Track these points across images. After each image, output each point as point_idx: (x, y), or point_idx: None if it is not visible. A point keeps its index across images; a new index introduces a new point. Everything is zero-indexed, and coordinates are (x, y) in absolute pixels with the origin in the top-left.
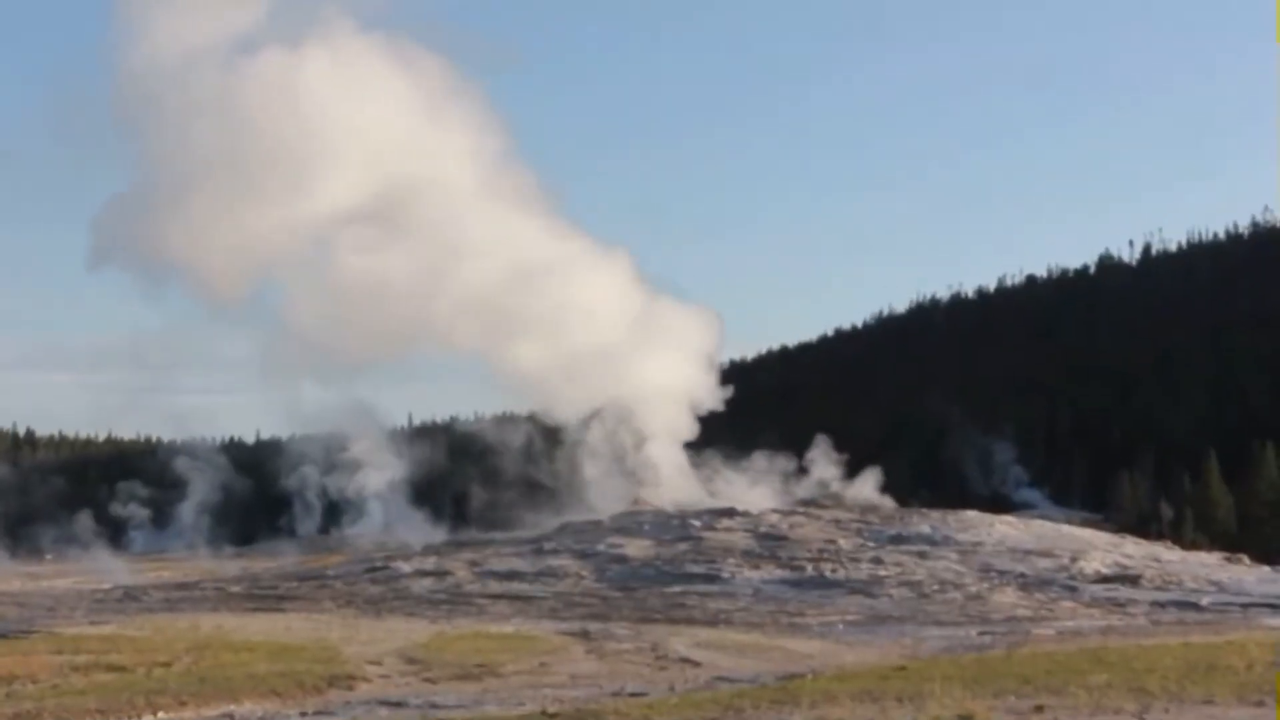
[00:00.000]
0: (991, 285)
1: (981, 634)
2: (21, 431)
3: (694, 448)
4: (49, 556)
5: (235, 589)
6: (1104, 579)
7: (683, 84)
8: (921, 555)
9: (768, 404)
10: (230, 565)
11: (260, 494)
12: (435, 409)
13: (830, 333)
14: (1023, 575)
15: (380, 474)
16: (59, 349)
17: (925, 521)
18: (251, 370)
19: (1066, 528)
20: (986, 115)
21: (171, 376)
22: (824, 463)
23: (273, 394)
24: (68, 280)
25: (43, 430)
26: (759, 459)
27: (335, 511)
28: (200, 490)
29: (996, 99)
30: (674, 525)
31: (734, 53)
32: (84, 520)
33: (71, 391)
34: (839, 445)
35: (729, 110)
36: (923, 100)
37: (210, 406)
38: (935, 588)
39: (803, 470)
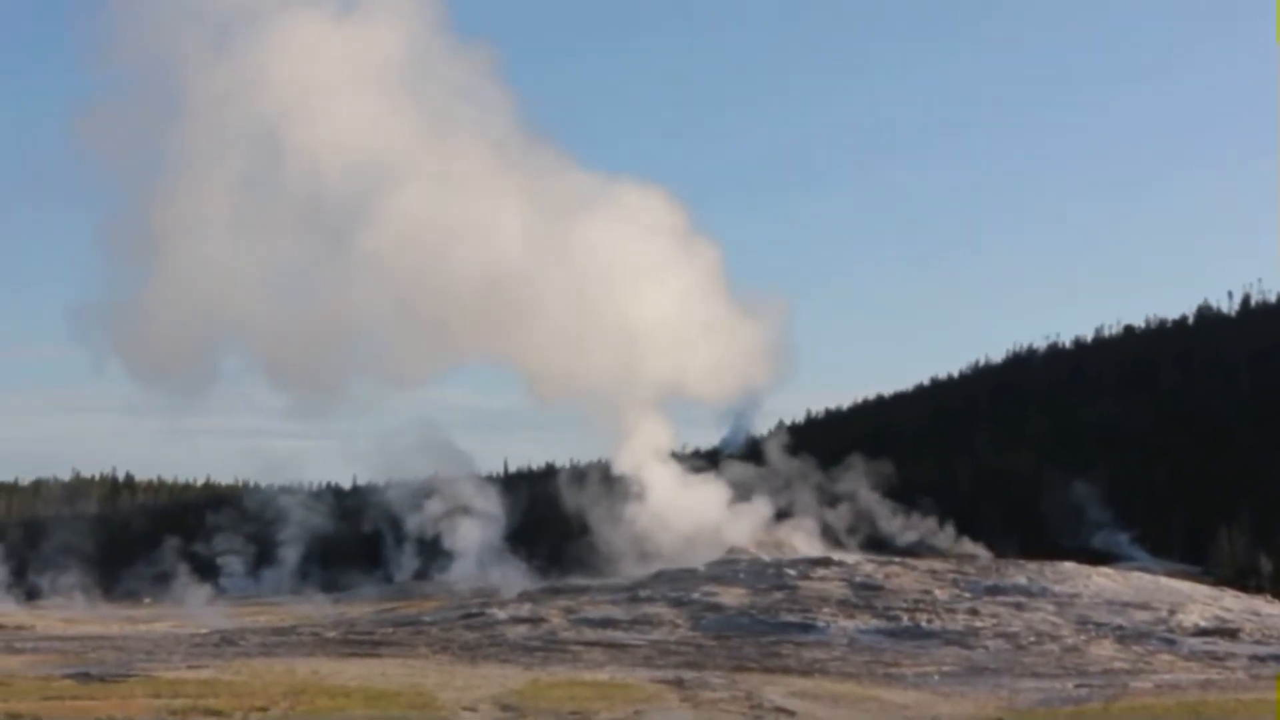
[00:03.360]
0: (1089, 335)
1: (1078, 686)
2: (120, 476)
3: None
4: (147, 600)
5: (331, 634)
6: (1202, 632)
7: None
8: (1018, 606)
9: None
10: (326, 610)
11: (356, 539)
12: (531, 456)
13: (926, 382)
14: (1120, 628)
15: (475, 520)
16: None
17: (1022, 573)
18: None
19: (1164, 580)
20: (1087, 166)
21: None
22: (919, 514)
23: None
24: None
25: (141, 475)
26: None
27: (430, 557)
28: (296, 535)
29: (1098, 150)
30: (769, 574)
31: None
32: (180, 564)
33: (169, 437)
34: (934, 495)
35: (828, 170)
36: (1022, 153)
37: (307, 451)
38: (1031, 639)
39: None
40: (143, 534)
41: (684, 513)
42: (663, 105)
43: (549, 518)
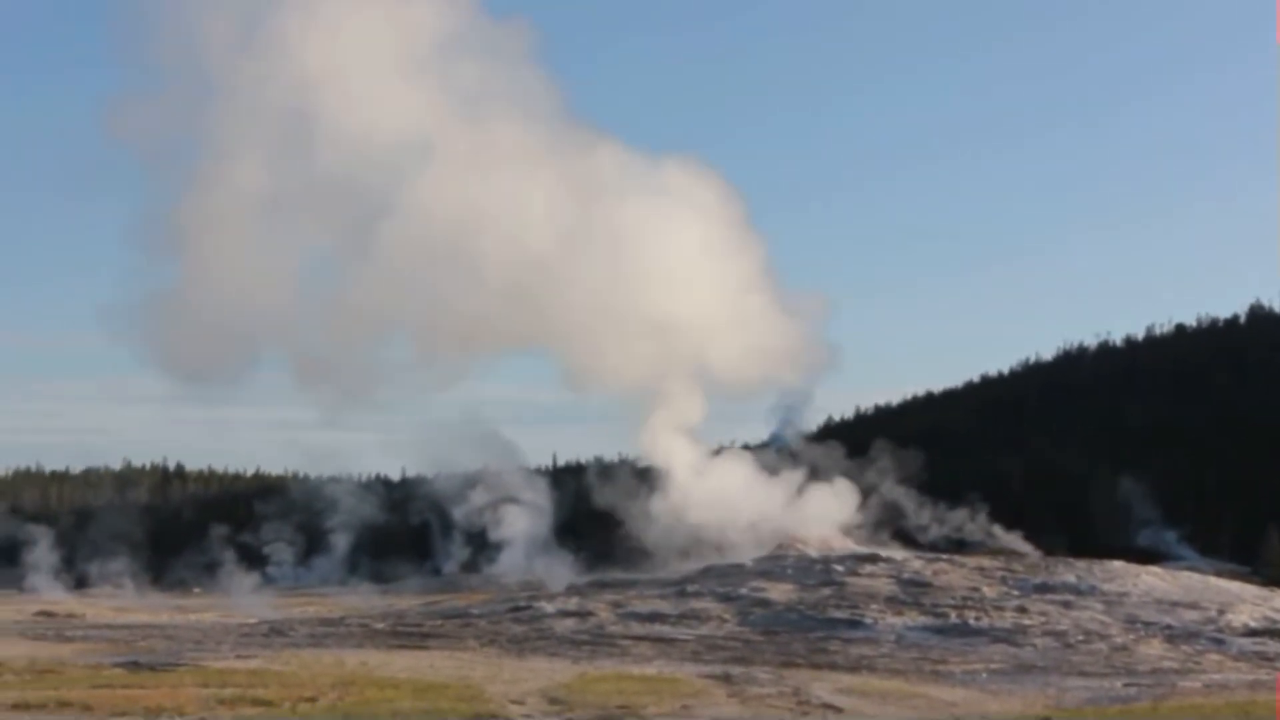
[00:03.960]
0: (1140, 334)
1: (1126, 685)
2: (171, 466)
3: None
4: (196, 590)
5: (380, 626)
6: (1252, 632)
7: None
8: (1066, 605)
9: (913, 449)
10: (375, 602)
11: (404, 530)
12: (580, 449)
13: (976, 379)
14: (1169, 627)
15: (523, 513)
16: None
17: (1071, 571)
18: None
19: (1214, 580)
20: (1140, 165)
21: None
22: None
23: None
24: None
25: (191, 465)
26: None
27: (478, 549)
28: (345, 526)
29: (1151, 148)
30: (817, 570)
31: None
32: (229, 554)
33: (219, 427)
34: (983, 491)
35: (883, 169)
36: (1073, 153)
37: (356, 443)
38: (1080, 638)
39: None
40: (192, 523)
41: (722, 502)
42: (716, 100)
43: (596, 511)
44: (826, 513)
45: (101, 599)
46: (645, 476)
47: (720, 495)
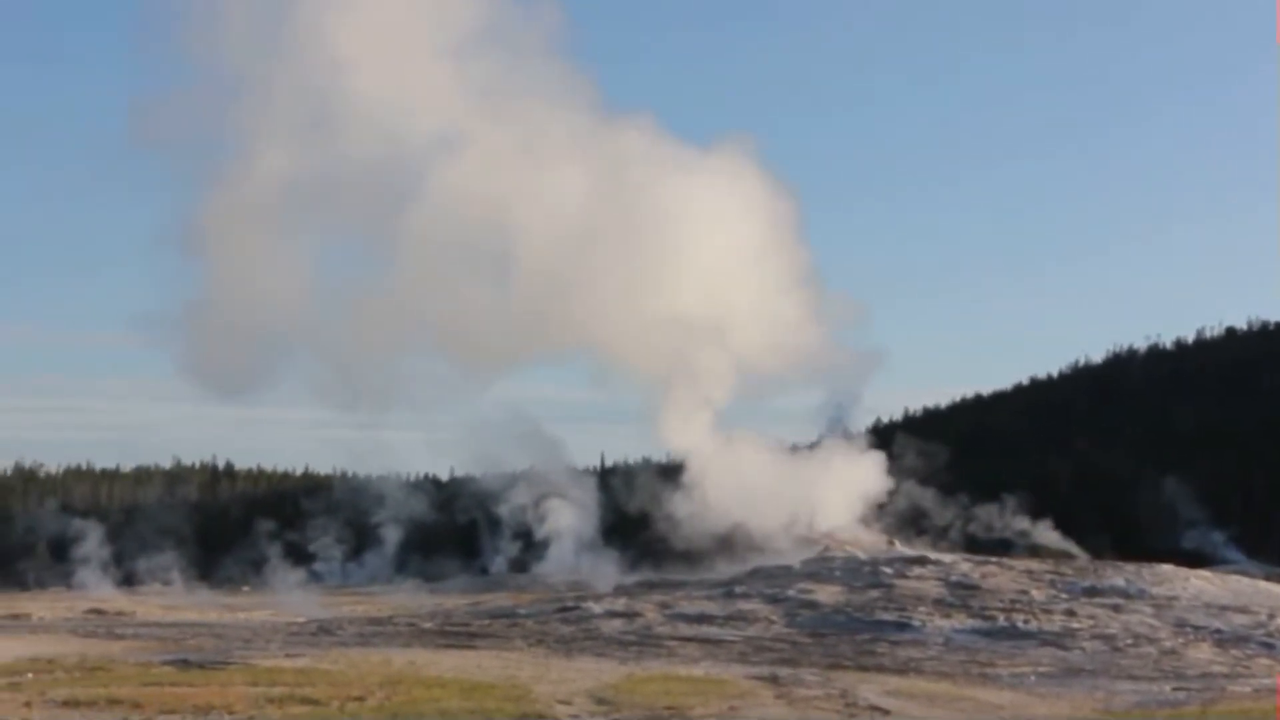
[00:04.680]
0: (1190, 336)
1: (1176, 689)
2: (220, 464)
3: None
4: (245, 589)
5: (427, 625)
6: None
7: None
8: (1115, 608)
9: (961, 451)
10: (422, 601)
11: (451, 529)
12: (628, 450)
13: (1025, 381)
14: (1219, 631)
15: (570, 512)
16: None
17: (1119, 574)
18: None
19: (1264, 584)
20: (1190, 167)
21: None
22: (1012, 512)
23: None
24: None
25: (240, 463)
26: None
27: (525, 549)
28: (393, 525)
29: (1202, 151)
30: (865, 572)
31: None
32: (277, 553)
33: (268, 426)
34: (1031, 493)
35: (934, 171)
36: (1125, 156)
37: (404, 442)
38: (1129, 641)
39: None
40: (241, 521)
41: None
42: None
43: (642, 511)
44: (852, 484)
45: (151, 596)
46: (670, 475)
47: (744, 486)
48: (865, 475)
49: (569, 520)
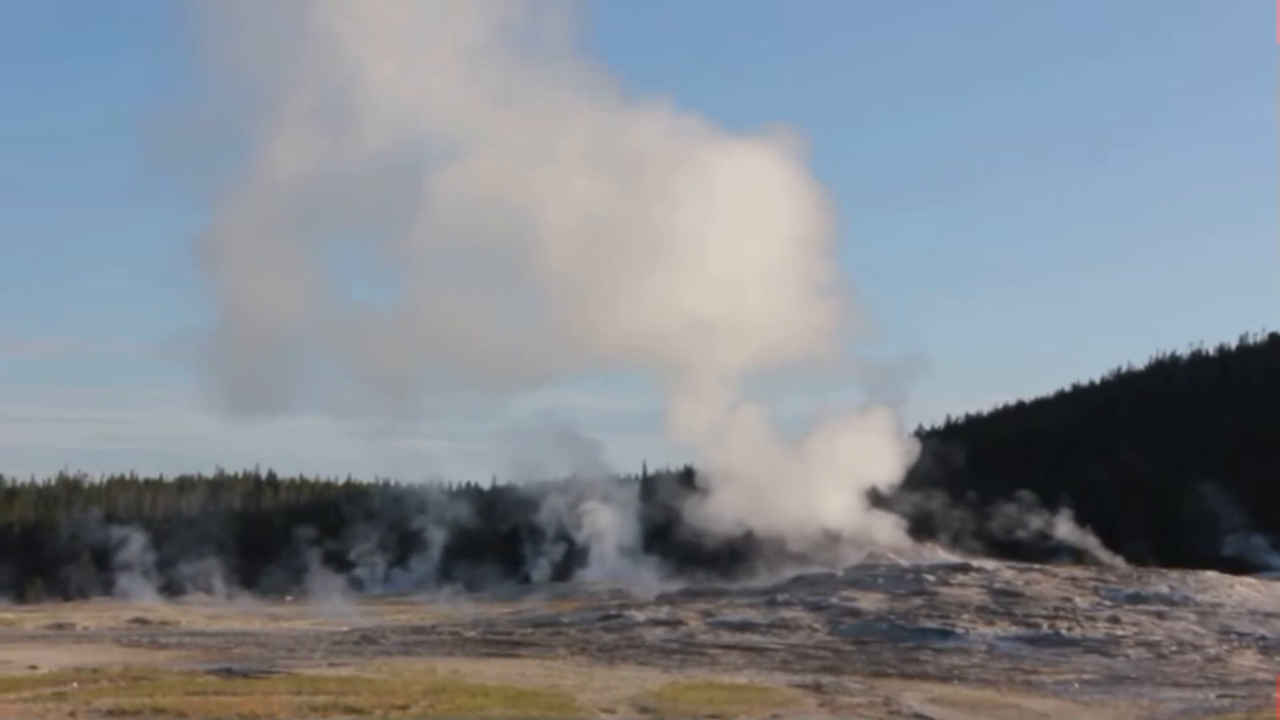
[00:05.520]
0: (1233, 342)
1: (1220, 697)
2: (264, 474)
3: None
4: (289, 598)
5: (470, 634)
6: None
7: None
8: (1159, 615)
9: (1003, 458)
10: (465, 609)
11: (494, 538)
12: (670, 458)
13: (1068, 388)
14: (1263, 638)
15: (612, 520)
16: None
17: (1164, 581)
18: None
19: None
20: (1234, 174)
21: (411, 421)
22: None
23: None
24: None
25: (284, 473)
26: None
27: (569, 558)
28: (435, 533)
29: (1245, 158)
30: (908, 579)
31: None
32: (320, 562)
33: (314, 435)
34: (1073, 501)
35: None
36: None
37: (446, 450)
38: (1173, 648)
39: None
40: (284, 531)
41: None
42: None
43: (682, 519)
44: (865, 450)
45: (194, 606)
46: (693, 480)
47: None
48: (875, 448)
49: (610, 527)
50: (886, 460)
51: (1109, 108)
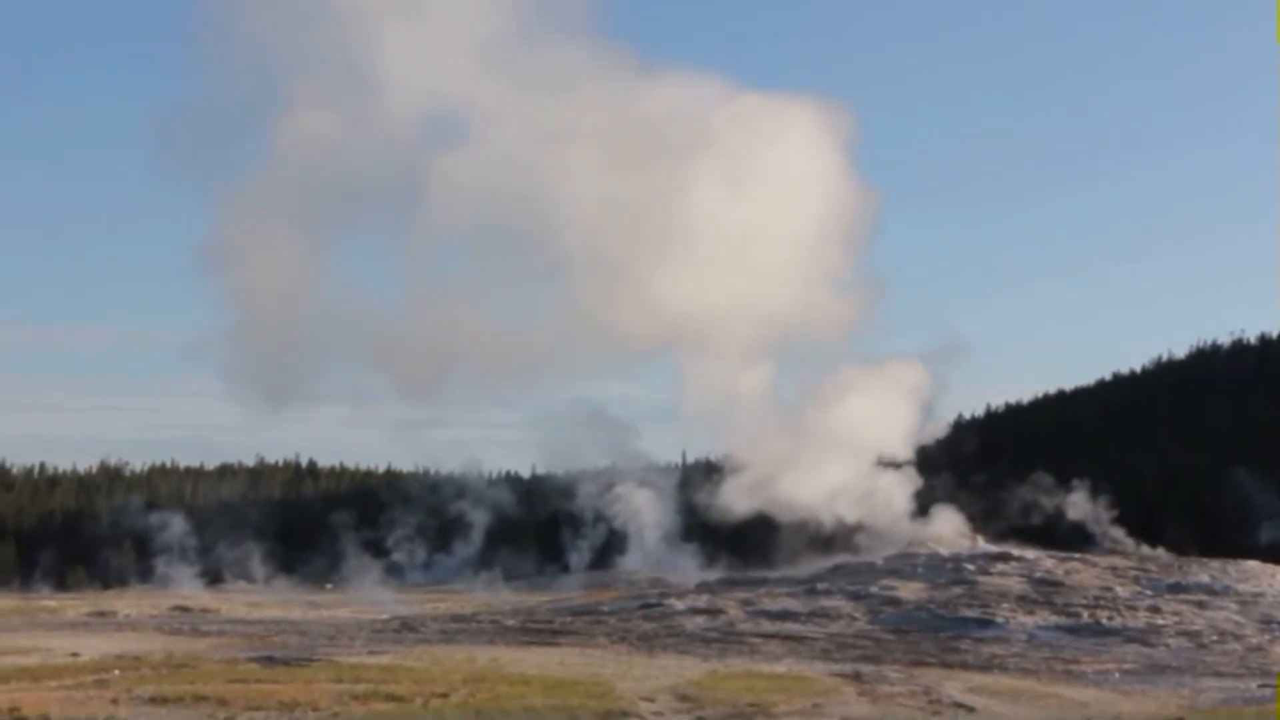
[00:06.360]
0: (1275, 331)
1: (1261, 686)
2: (304, 462)
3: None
4: (329, 586)
5: (510, 622)
6: None
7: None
8: (1200, 605)
9: (1043, 447)
10: (505, 598)
11: (533, 527)
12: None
13: (1108, 377)
14: None
15: (652, 508)
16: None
17: (1204, 571)
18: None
19: None
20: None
21: (452, 409)
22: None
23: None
24: None
25: (324, 461)
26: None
27: (608, 547)
28: (475, 522)
29: None
30: (948, 568)
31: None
32: (360, 550)
33: (355, 424)
34: (1114, 490)
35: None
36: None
37: (487, 439)
38: (1214, 638)
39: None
40: (324, 519)
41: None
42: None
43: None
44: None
45: (235, 594)
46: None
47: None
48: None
49: (649, 515)
50: (899, 424)
51: (1152, 100)
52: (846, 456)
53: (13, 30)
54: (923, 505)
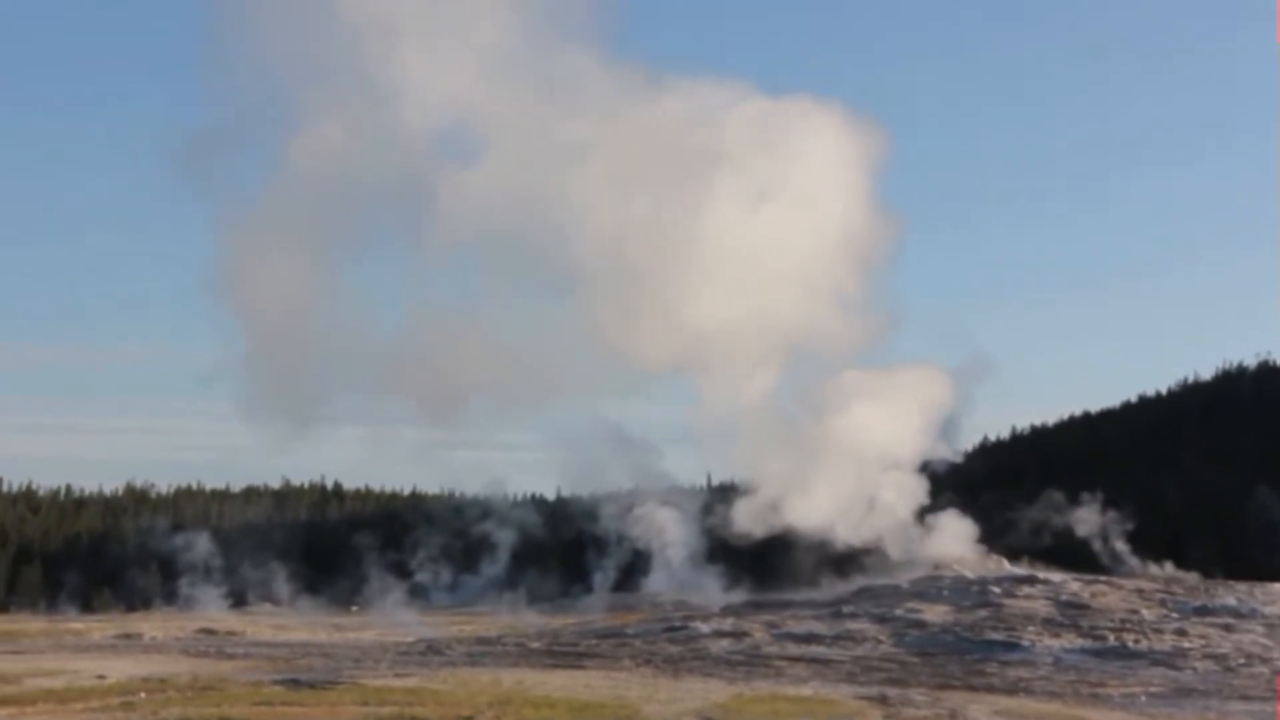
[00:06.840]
0: None
1: None
2: (329, 484)
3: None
4: (354, 608)
5: (535, 645)
6: None
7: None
8: (1227, 628)
9: (1069, 468)
10: (530, 620)
11: (558, 549)
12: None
13: (1134, 399)
14: None
15: (676, 530)
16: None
17: (1231, 594)
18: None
19: None
20: None
21: (472, 431)
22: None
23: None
24: None
25: (349, 483)
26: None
27: (633, 570)
28: (500, 545)
29: None
30: (973, 591)
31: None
32: (385, 573)
33: (378, 446)
34: (1139, 512)
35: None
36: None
37: (512, 462)
38: (1241, 661)
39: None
40: (348, 541)
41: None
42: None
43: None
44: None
45: (260, 616)
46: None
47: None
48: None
49: (674, 537)
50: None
51: (1177, 115)
52: (858, 473)
53: (25, 50)
54: (933, 518)
